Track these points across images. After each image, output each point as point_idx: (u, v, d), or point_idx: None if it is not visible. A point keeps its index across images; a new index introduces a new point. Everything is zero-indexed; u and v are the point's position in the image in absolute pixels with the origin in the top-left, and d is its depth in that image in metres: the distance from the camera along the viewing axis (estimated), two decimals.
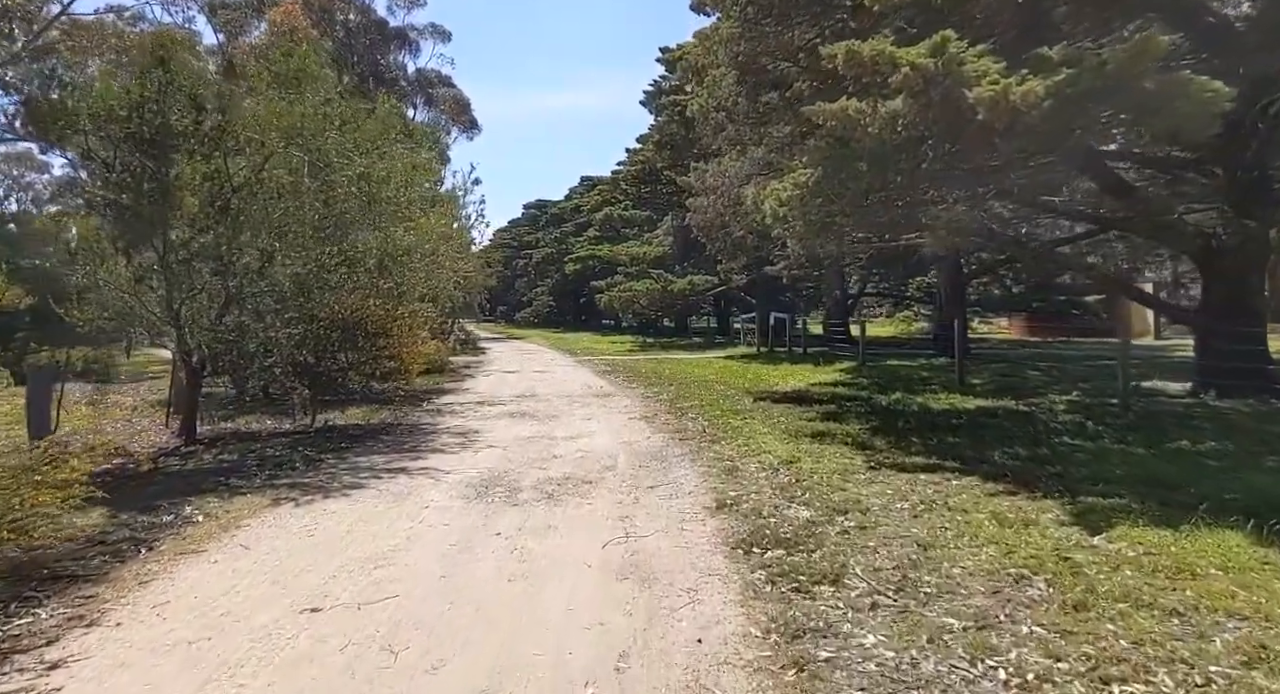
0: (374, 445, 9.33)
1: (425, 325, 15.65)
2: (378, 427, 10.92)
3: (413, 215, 10.66)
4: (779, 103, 11.81)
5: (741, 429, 9.57)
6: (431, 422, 11.31)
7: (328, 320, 9.78)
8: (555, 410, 12.25)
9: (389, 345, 10.18)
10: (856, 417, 10.33)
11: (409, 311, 11.38)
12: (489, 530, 5.44)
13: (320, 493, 6.80)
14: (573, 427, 10.46)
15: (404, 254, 10.07)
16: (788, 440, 8.72)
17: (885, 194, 9.01)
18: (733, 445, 8.55)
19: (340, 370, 10.01)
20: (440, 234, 11.40)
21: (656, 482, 6.94)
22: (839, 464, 7.27)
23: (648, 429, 10.09)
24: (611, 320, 51.68)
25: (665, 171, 29.79)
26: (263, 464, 8.25)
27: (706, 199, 13.42)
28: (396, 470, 7.73)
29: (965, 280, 20.90)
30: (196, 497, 6.77)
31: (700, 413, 11.30)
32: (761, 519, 5.51)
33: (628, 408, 12.41)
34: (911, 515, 5.45)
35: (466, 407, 12.99)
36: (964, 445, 7.99)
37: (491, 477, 7.29)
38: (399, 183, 10.36)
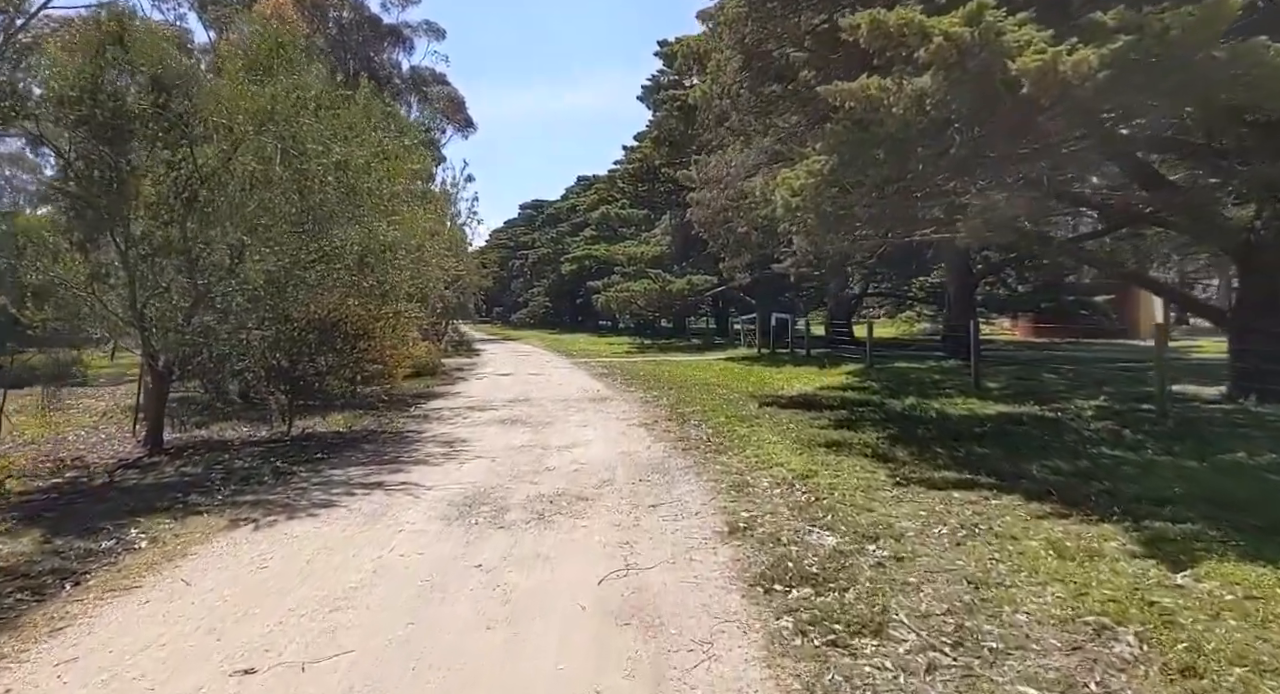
0: (352, 456, 8.62)
1: (413, 326, 14.95)
2: (359, 434, 10.21)
3: (397, 209, 9.95)
4: (786, 91, 11.15)
5: (749, 438, 8.88)
6: (417, 429, 10.60)
7: (304, 321, 9.08)
8: (549, 416, 11.55)
9: (370, 348, 9.48)
10: (872, 424, 9.64)
11: (394, 312, 10.68)
12: (469, 561, 4.74)
13: (285, 513, 6.10)
14: (568, 434, 9.77)
15: (386, 250, 9.36)
16: (800, 451, 8.03)
17: (903, 184, 8.33)
18: (741, 456, 7.86)
19: (318, 374, 9.30)
20: (427, 230, 10.69)
21: (659, 499, 6.25)
22: (861, 479, 6.58)
23: (648, 437, 9.40)
24: (608, 321, 50.99)
25: (663, 168, 29.13)
26: (229, 477, 7.55)
27: (708, 193, 12.74)
28: (373, 485, 7.03)
29: (974, 280, 20.22)
30: (147, 517, 6.06)
31: (703, 419, 10.61)
32: (781, 547, 4.82)
33: (626, 413, 11.72)
34: (953, 543, 4.76)
35: (456, 412, 12.29)
36: (995, 457, 7.31)
37: (477, 493, 6.59)
38: (382, 173, 9.66)
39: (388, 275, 10.02)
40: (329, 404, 11.46)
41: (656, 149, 28.09)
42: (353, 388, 9.71)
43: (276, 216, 8.58)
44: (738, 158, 10.48)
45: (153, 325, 8.65)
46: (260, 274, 8.75)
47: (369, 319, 9.51)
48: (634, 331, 43.49)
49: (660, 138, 27.09)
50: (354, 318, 9.31)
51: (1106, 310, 26.67)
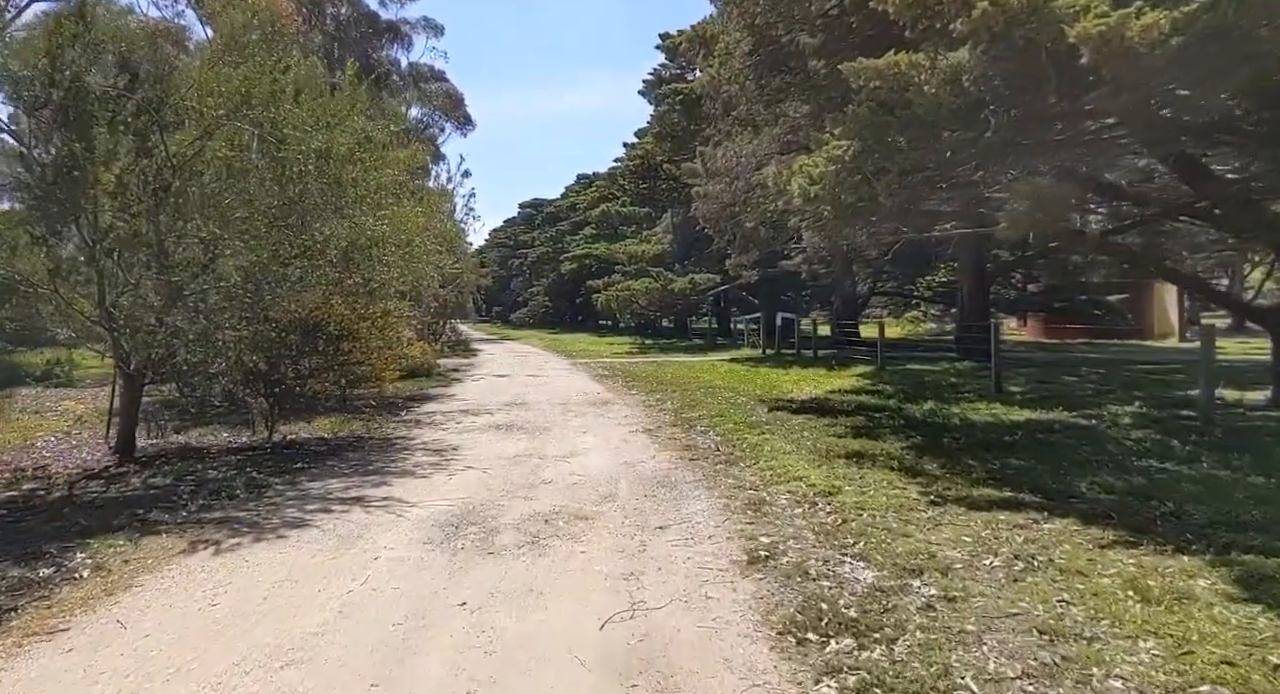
0: (335, 466, 8.00)
1: (406, 326, 14.33)
2: (345, 441, 9.58)
3: (385, 202, 9.32)
4: (796, 78, 10.52)
5: (761, 447, 8.25)
6: (407, 435, 9.97)
7: (284, 321, 8.44)
8: (547, 421, 10.92)
9: (356, 350, 8.85)
10: (892, 432, 9.01)
11: (382, 311, 10.05)
12: (451, 597, 4.12)
13: (252, 534, 5.47)
14: (566, 442, 9.14)
15: (373, 245, 8.74)
16: (819, 462, 7.40)
17: (927, 174, 7.71)
18: (754, 468, 7.23)
19: (299, 378, 8.67)
20: (419, 225, 10.06)
21: (667, 519, 5.62)
22: (891, 497, 5.95)
23: (651, 446, 8.77)
24: (609, 321, 50.37)
25: (665, 164, 28.47)
26: (198, 490, 6.92)
27: (714, 186, 12.10)
28: (352, 501, 6.40)
29: (989, 279, 19.58)
30: (99, 537, 5.44)
31: (710, 425, 9.98)
32: (811, 582, 4.19)
33: (628, 418, 11.09)
34: (1009, 578, 4.13)
35: (449, 417, 11.66)
36: (1035, 471, 6.67)
37: (466, 510, 5.96)
38: (368, 163, 9.03)
39: (375, 272, 9.40)
40: (315, 408, 10.84)
41: (658, 145, 27.45)
42: (338, 392, 9.08)
43: (254, 209, 7.95)
44: (748, 147, 9.86)
45: (122, 325, 8.03)
46: (237, 271, 8.13)
47: (354, 319, 8.88)
48: (635, 331, 42.87)
49: (662, 133, 26.45)
50: (338, 318, 8.68)
51: (1122, 310, 26.00)
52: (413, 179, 16.49)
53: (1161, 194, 9.23)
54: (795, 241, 13.23)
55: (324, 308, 8.52)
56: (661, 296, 28.38)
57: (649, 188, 33.41)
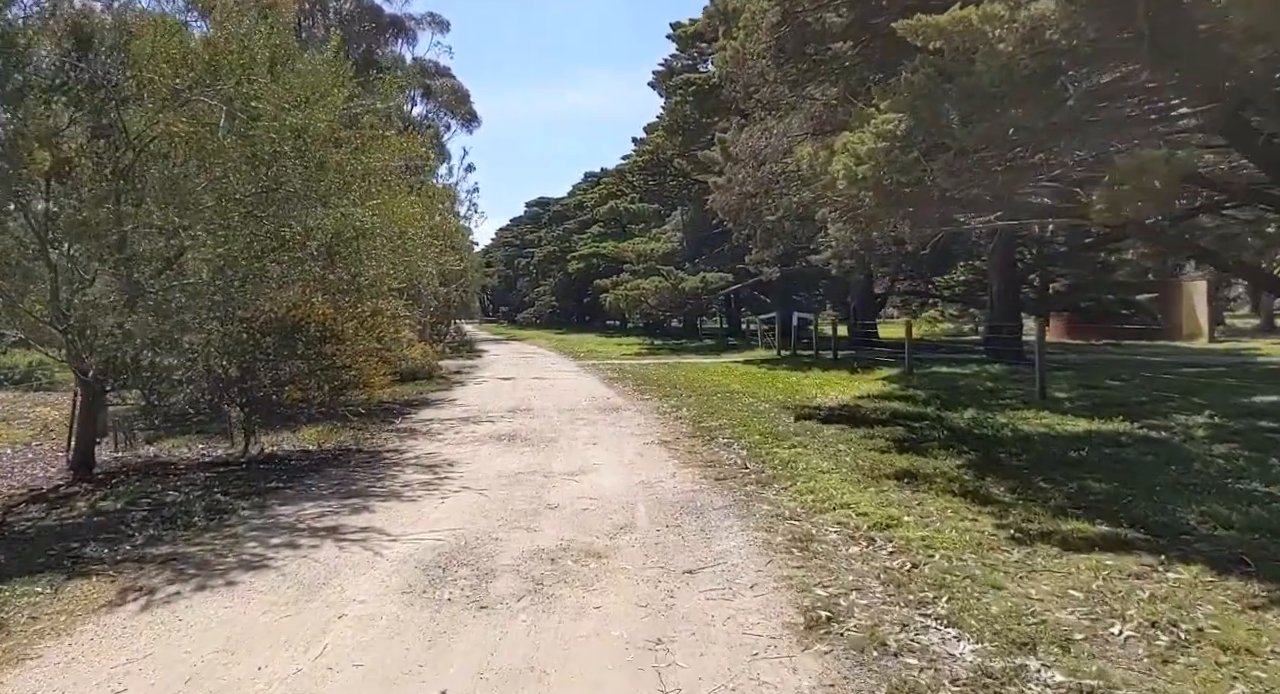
0: (313, 485, 7.08)
1: (403, 326, 13.43)
2: (329, 454, 8.67)
3: (374, 189, 8.40)
4: (825, 56, 9.57)
5: (795, 464, 7.29)
6: (399, 447, 9.05)
7: (258, 322, 7.54)
8: (553, 431, 10.00)
9: (340, 352, 7.93)
10: (939, 445, 8.04)
11: (372, 309, 9.14)
12: (429, 681, 3.18)
13: (198, 577, 4.55)
14: (574, 455, 8.22)
15: (359, 237, 7.82)
16: (865, 484, 6.45)
17: (982, 156, 6.75)
18: (792, 492, 6.28)
19: (275, 385, 7.76)
20: (414, 215, 9.15)
21: (696, 559, 4.68)
22: (962, 531, 4.99)
23: (670, 461, 7.83)
24: (617, 321, 49.48)
25: (676, 160, 27.51)
26: (151, 517, 6.01)
27: (737, 173, 11.15)
28: (325, 532, 5.48)
29: (1020, 276, 18.57)
30: (13, 583, 4.52)
31: (734, 436, 9.04)
32: (892, 659, 3.24)
33: (641, 427, 10.16)
34: (1155, 657, 3.17)
35: (447, 425, 10.74)
36: (1124, 496, 5.70)
37: (457, 546, 5.03)
38: (355, 146, 8.13)
39: (363, 267, 8.48)
40: (301, 416, 9.93)
41: (669, 139, 26.48)
42: (321, 400, 8.18)
43: (223, 195, 7.04)
44: (778, 126, 8.92)
45: (75, 326, 7.13)
46: (204, 265, 7.23)
47: (338, 319, 7.96)
48: (643, 332, 41.93)
49: (673, 126, 25.48)
50: (320, 318, 7.77)
51: (1152, 310, 24.91)
52: (411, 174, 15.60)
53: (1237, 180, 8.26)
54: (822, 235, 12.26)
55: (303, 307, 7.60)
56: (672, 296, 27.43)
57: (658, 184, 32.46)
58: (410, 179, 16.69)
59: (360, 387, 8.49)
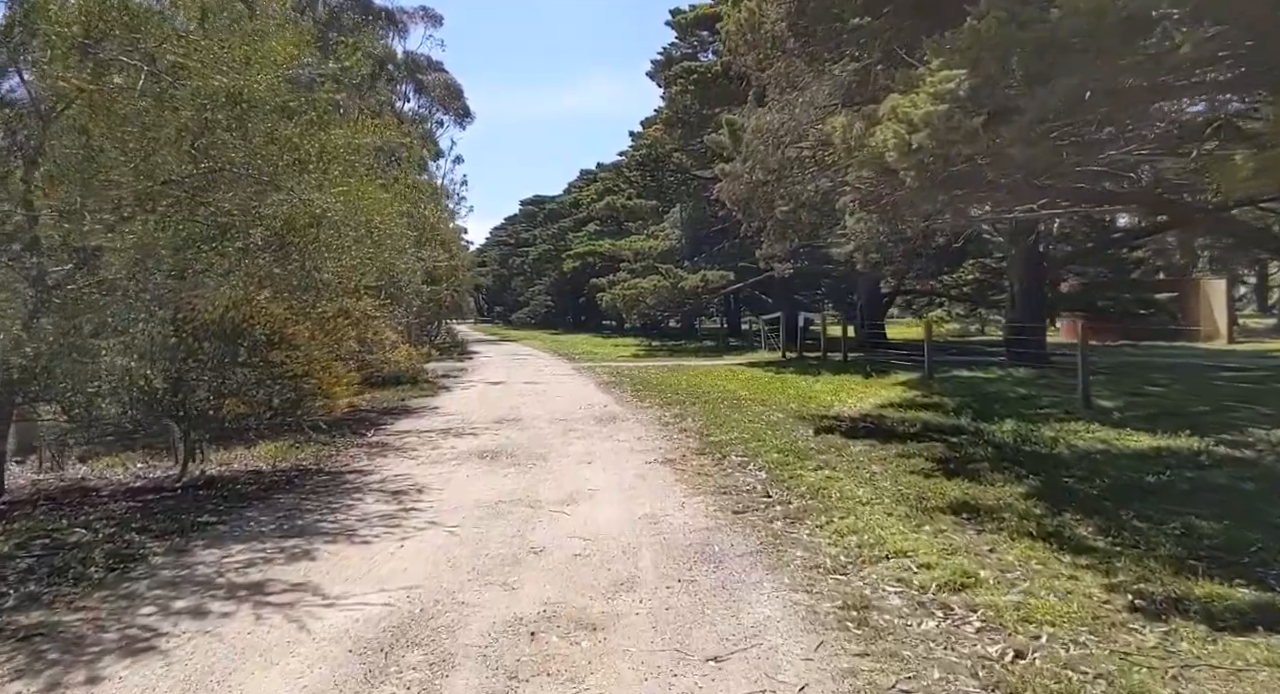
0: (252, 519, 5.93)
1: (375, 328, 12.29)
2: (283, 476, 7.52)
3: (333, 171, 7.24)
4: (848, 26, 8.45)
5: (827, 492, 6.16)
6: (364, 468, 7.91)
7: (193, 325, 6.38)
8: (543, 445, 8.87)
9: (293, 360, 6.78)
10: (991, 466, 6.91)
11: (337, 310, 7.99)
12: None
13: (57, 668, 3.41)
14: (566, 478, 7.09)
15: (313, 226, 6.68)
16: (916, 519, 5.32)
17: (1051, 126, 5.64)
18: (829, 531, 5.15)
19: (214, 397, 6.60)
20: (380, 201, 7.99)
21: (721, 637, 3.55)
22: (1063, 594, 3.86)
23: (677, 485, 6.71)
24: (613, 321, 48.34)
25: (675, 154, 26.39)
26: (37, 567, 4.86)
27: (750, 154, 10.02)
28: (246, 591, 4.33)
29: (1044, 274, 17.47)
30: None
31: (748, 454, 7.91)
32: None
33: (642, 441, 9.03)
34: None
35: (425, 439, 9.60)
36: (1253, 542, 4.57)
37: (409, 617, 3.88)
38: (311, 119, 6.98)
39: (321, 261, 7.33)
40: (263, 429, 8.75)
41: (668, 131, 25.32)
42: (270, 414, 7.02)
43: (140, 171, 5.89)
44: (803, 96, 7.77)
45: None
46: (120, 257, 6.08)
47: (289, 321, 6.81)
48: (640, 332, 40.77)
49: (672, 118, 24.32)
50: (267, 319, 6.62)
51: (1172, 310, 23.85)
52: (389, 161, 14.44)
53: None
54: (840, 227, 11.14)
55: (245, 306, 6.45)
56: (671, 295, 26.27)
57: (656, 180, 31.27)
58: (390, 168, 15.54)
59: (320, 396, 7.34)
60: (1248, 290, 45.05)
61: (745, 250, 30.04)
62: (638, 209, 32.82)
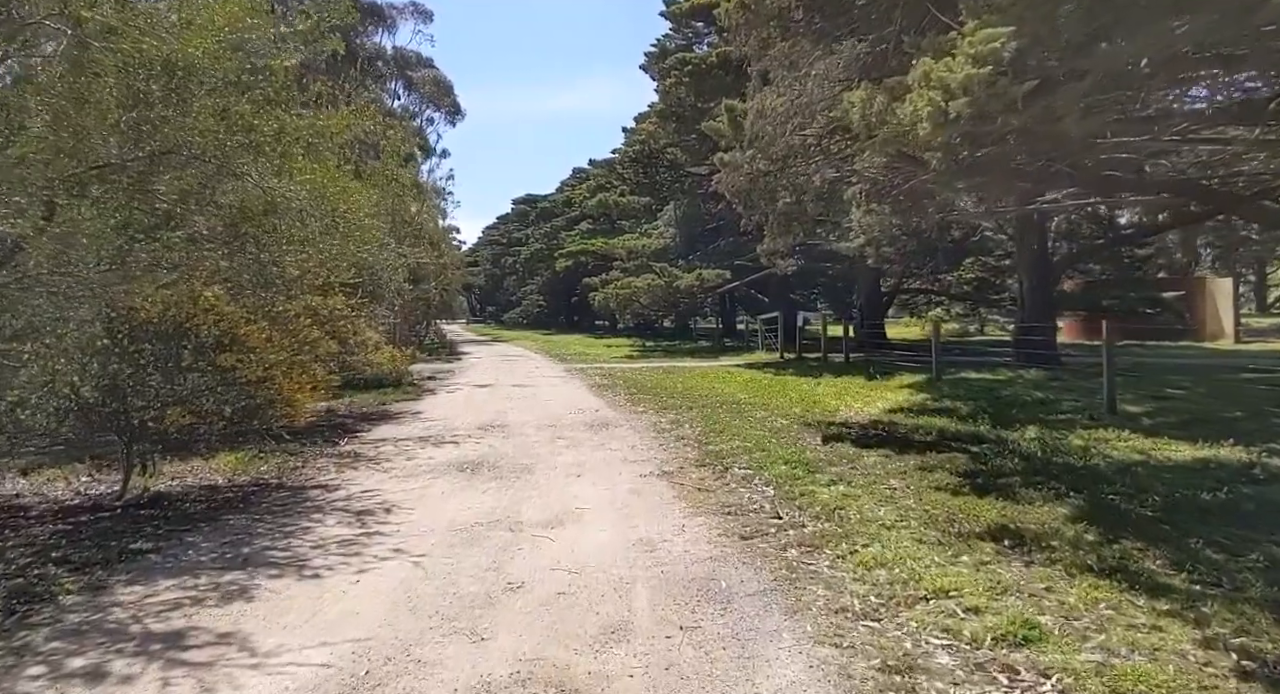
0: (192, 545, 5.19)
1: (354, 328, 11.57)
2: (240, 492, 6.78)
3: (295, 154, 6.52)
4: None
5: (845, 514, 5.47)
6: (330, 482, 7.17)
7: (133, 325, 5.65)
8: (529, 455, 8.16)
9: (246, 364, 6.03)
10: (1023, 481, 6.22)
11: (302, 309, 7.26)
12: None
13: None
14: (552, 494, 6.38)
15: (266, 214, 5.94)
16: (951, 546, 4.63)
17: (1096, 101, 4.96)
18: (853, 563, 4.45)
19: (154, 406, 5.86)
20: (348, 190, 7.25)
21: None
22: (1152, 653, 3.18)
23: (676, 503, 6.01)
24: (606, 321, 47.69)
25: (669, 148, 25.68)
26: None
27: (756, 135, 9.32)
28: (161, 644, 3.60)
29: (1054, 272, 16.84)
30: None
31: (753, 466, 7.22)
32: None
33: (637, 451, 8.33)
34: None
35: (402, 448, 8.88)
36: None
37: (351, 683, 3.17)
38: (267, 95, 6.25)
39: (282, 254, 6.60)
40: (214, 440, 8.00)
41: (662, 125, 24.63)
42: (222, 425, 6.26)
43: (66, 152, 5.16)
44: (816, 68, 7.04)
45: None
46: (48, 249, 5.34)
47: (242, 320, 6.06)
48: (634, 332, 40.05)
49: (666, 111, 23.61)
50: (216, 319, 5.87)
51: (1179, 309, 23.26)
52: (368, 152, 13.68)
53: None
54: (847, 220, 10.45)
55: (189, 304, 5.71)
56: (665, 294, 25.58)
57: (650, 177, 30.59)
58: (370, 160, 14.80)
59: (282, 405, 6.61)
60: (1246, 289, 44.68)
61: (741, 248, 29.40)
62: (631, 206, 32.12)
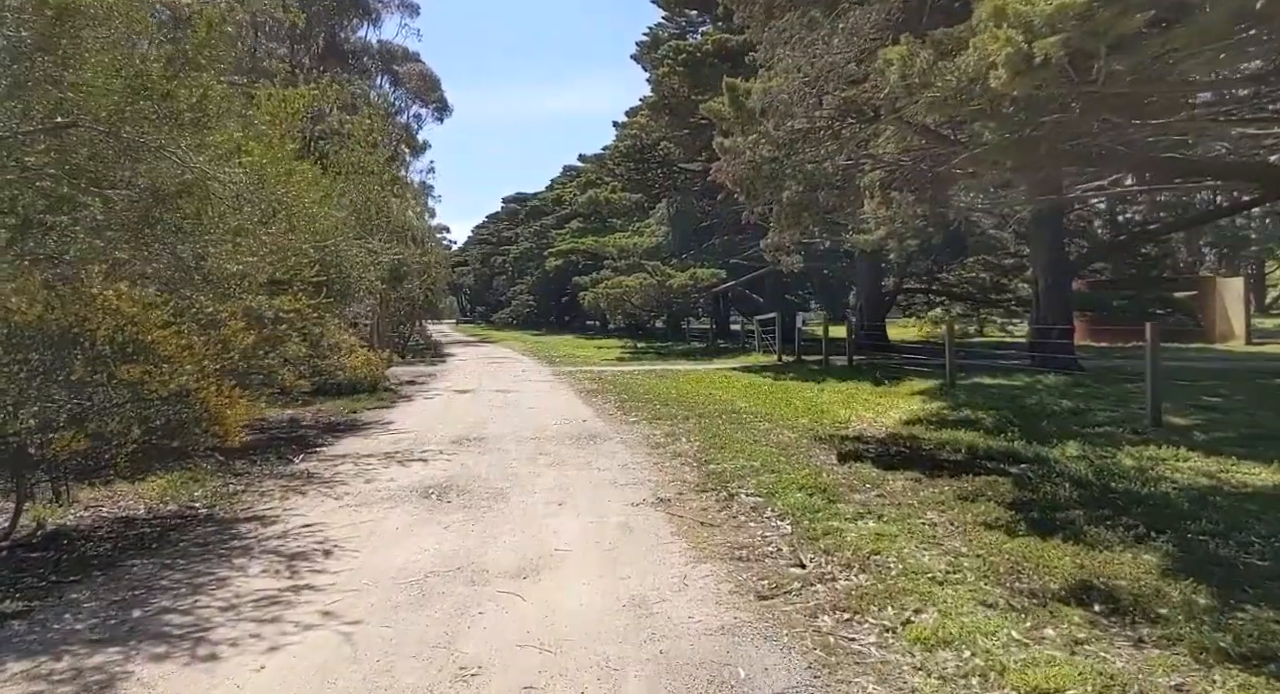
0: (71, 607, 4.15)
1: (321, 330, 10.53)
2: (160, 526, 5.74)
3: (222, 126, 5.49)
4: None
5: (883, 562, 4.47)
6: (271, 511, 6.13)
7: (5, 330, 4.59)
8: (506, 476, 7.14)
9: (155, 377, 4.97)
10: (1087, 514, 5.24)
11: (236, 311, 6.21)
12: None
13: None
14: (528, 530, 5.37)
15: (181, 194, 4.91)
16: (1031, 615, 3.64)
17: None
18: (907, 637, 3.45)
19: (38, 429, 4.80)
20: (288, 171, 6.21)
21: None
22: None
23: (674, 543, 5.00)
24: (597, 322, 46.65)
25: (662, 142, 24.69)
26: None
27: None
28: None
29: (1072, 270, 15.94)
30: None
31: (762, 491, 6.22)
32: None
33: (628, 470, 7.33)
34: None
35: (362, 467, 7.85)
36: None
37: None
38: (184, 54, 5.22)
39: (204, 246, 5.56)
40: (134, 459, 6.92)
41: (655, 118, 23.63)
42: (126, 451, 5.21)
43: None
44: (833, 36, 6.06)
45: None
46: None
47: (152, 325, 5.00)
48: (625, 333, 38.99)
49: (659, 103, 22.61)
50: (117, 322, 4.82)
51: (1192, 310, 22.43)
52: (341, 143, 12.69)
53: None
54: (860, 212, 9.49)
55: (79, 304, 4.65)
56: (658, 294, 24.59)
57: (642, 173, 29.56)
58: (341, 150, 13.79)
59: (205, 424, 5.57)
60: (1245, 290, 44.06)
61: (735, 247, 28.44)
62: (622, 204, 31.11)
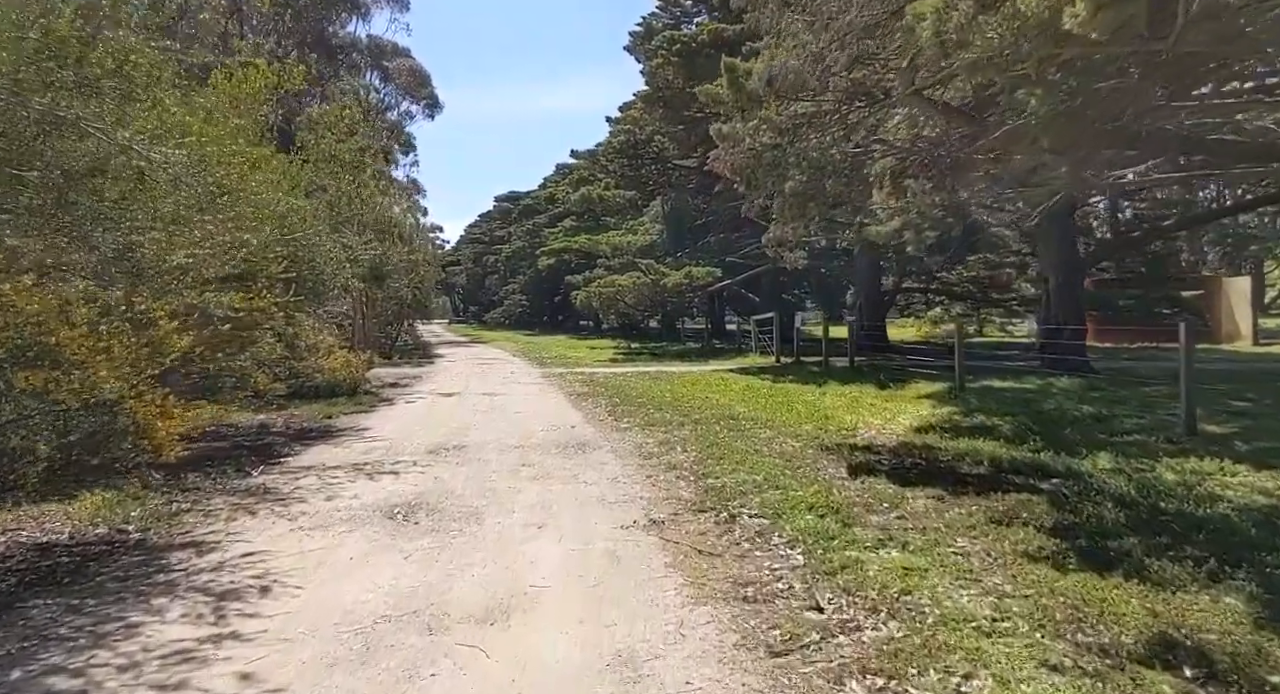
0: None
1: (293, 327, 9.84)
2: (81, 554, 5.01)
3: (154, 103, 4.78)
4: None
5: (916, 602, 3.79)
6: (211, 535, 5.41)
7: None
8: (482, 492, 6.44)
9: (62, 386, 4.23)
10: (1142, 542, 4.57)
11: (178, 309, 5.49)
12: None
13: None
14: (502, 559, 4.67)
15: (93, 174, 4.20)
16: (1110, 683, 2.96)
17: None
18: None
19: None
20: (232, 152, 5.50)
21: None
22: None
23: (670, 577, 4.31)
24: (590, 321, 45.98)
25: (656, 136, 23.99)
26: None
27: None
28: None
29: (1084, 267, 15.30)
30: None
31: (767, 511, 5.53)
32: None
33: (618, 485, 6.63)
34: None
35: (326, 480, 7.13)
36: None
37: None
38: (100, 9, 4.51)
39: (126, 234, 4.84)
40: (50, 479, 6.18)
41: (648, 111, 22.93)
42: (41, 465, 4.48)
43: None
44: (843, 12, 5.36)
45: None
46: None
47: (58, 325, 4.27)
48: (618, 333, 38.26)
49: (653, 95, 21.91)
50: (13, 319, 4.09)
51: (1200, 310, 21.87)
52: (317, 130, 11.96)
53: None
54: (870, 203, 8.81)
55: None
56: (652, 293, 23.88)
57: (635, 169, 28.85)
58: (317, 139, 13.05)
59: (132, 438, 4.85)
60: None
61: (731, 245, 27.78)
62: (616, 201, 30.41)
